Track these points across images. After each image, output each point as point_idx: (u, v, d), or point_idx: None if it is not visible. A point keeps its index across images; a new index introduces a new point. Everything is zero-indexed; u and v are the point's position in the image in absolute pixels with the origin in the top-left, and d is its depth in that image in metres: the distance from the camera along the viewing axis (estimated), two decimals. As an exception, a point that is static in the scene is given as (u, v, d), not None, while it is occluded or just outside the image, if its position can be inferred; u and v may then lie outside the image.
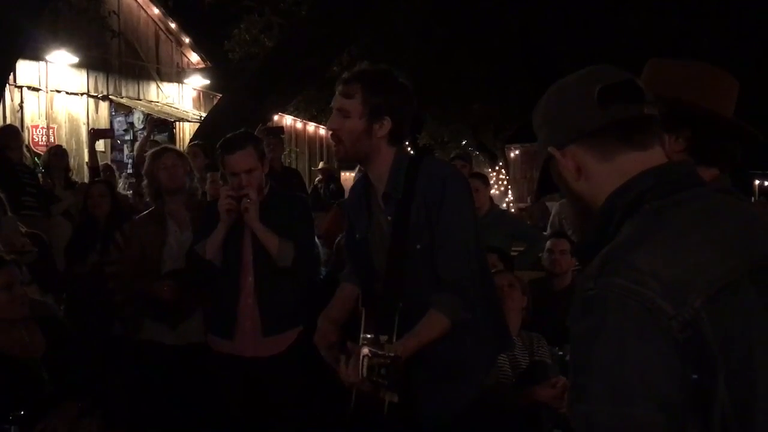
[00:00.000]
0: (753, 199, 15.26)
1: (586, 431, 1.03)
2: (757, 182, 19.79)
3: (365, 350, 1.91)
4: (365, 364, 1.89)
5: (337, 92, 2.22)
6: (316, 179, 10.85)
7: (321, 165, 11.45)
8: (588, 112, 1.18)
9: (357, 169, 2.56)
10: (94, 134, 7.38)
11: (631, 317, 1.01)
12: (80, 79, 11.09)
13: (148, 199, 3.77)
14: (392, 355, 1.87)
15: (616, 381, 1.00)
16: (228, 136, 3.21)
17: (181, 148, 10.81)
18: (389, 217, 2.25)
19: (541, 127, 1.29)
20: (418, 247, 2.19)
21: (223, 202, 3.10)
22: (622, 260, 1.05)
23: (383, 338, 1.92)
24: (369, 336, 2.02)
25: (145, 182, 3.71)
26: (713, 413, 0.99)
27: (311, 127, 15.40)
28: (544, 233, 5.37)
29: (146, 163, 3.69)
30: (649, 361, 0.99)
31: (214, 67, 13.38)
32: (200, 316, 3.44)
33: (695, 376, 0.99)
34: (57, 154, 6.50)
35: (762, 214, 1.19)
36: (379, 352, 1.88)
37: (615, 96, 1.18)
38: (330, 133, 2.26)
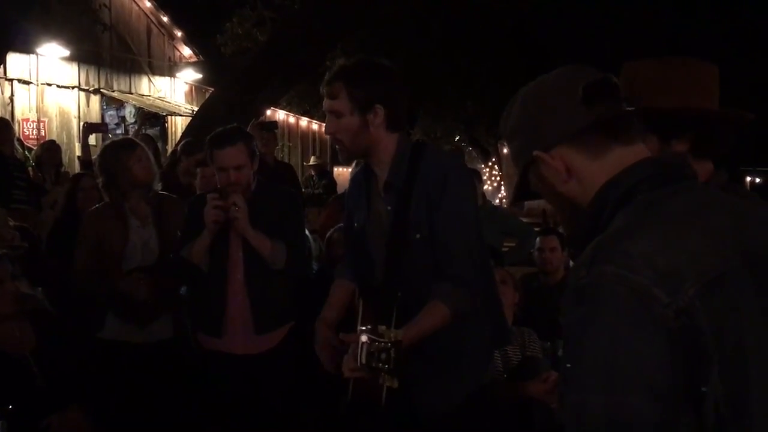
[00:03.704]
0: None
1: (578, 421, 1.01)
2: (748, 179, 19.90)
3: (363, 337, 1.89)
4: (364, 350, 1.88)
5: (323, 96, 2.21)
6: (308, 174, 10.83)
7: (312, 160, 11.42)
8: (575, 112, 1.17)
9: (354, 164, 2.54)
10: (88, 128, 7.36)
11: (624, 304, 1.00)
12: (71, 73, 11.03)
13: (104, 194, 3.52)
14: (392, 339, 1.86)
15: (610, 370, 0.99)
16: (218, 130, 3.12)
17: (173, 142, 10.83)
18: (389, 207, 2.24)
19: (516, 133, 1.27)
20: (418, 236, 2.18)
21: (210, 212, 2.98)
22: (615, 248, 1.04)
23: (381, 328, 1.91)
24: (368, 327, 2.01)
25: (100, 177, 3.46)
26: (707, 402, 0.99)
27: (304, 121, 15.38)
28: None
29: (109, 156, 3.45)
30: (643, 349, 0.98)
31: (207, 61, 13.34)
32: (168, 312, 3.37)
33: (688, 366, 0.99)
34: (50, 149, 6.46)
35: (752, 208, 1.18)
36: (378, 339, 1.87)
37: (598, 94, 1.18)
38: (329, 136, 2.25)
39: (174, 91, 12.95)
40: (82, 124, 9.81)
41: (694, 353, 0.99)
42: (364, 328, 2.00)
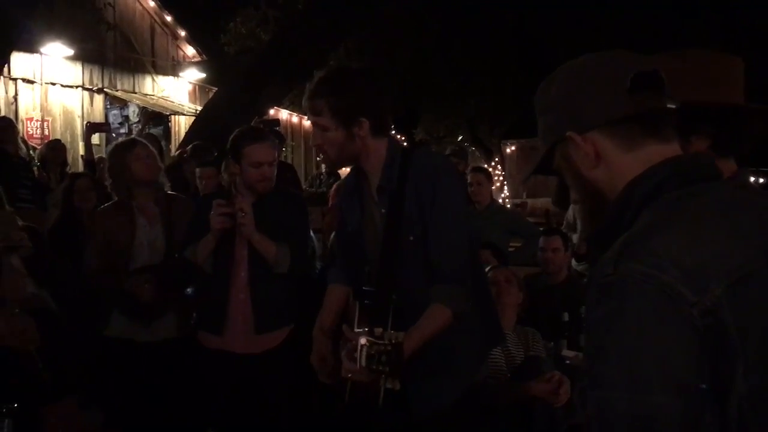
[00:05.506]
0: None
1: (602, 417, 1.01)
2: (752, 179, 19.87)
3: (363, 340, 1.89)
4: (364, 353, 1.87)
5: (306, 109, 2.22)
6: (317, 172, 10.81)
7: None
8: (617, 99, 1.15)
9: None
10: (91, 128, 7.36)
11: (651, 303, 0.99)
12: (75, 72, 11.06)
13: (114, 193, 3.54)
14: (393, 341, 1.85)
15: (635, 367, 0.98)
16: (246, 127, 3.15)
17: (177, 142, 10.84)
18: (383, 210, 2.25)
19: (551, 108, 1.24)
20: (411, 238, 2.19)
21: (217, 219, 3.01)
22: (642, 246, 1.04)
23: (378, 330, 1.92)
24: (364, 330, 2.01)
25: (109, 179, 3.53)
26: (730, 401, 0.99)
27: (307, 121, 15.38)
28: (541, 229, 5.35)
29: (113, 156, 3.52)
30: (669, 347, 0.98)
31: (210, 60, 13.34)
32: (173, 311, 3.38)
33: (713, 365, 0.99)
34: (55, 148, 6.47)
35: None
36: (378, 341, 1.86)
37: (645, 85, 1.16)
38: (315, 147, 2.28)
39: (178, 91, 12.95)
40: (84, 123, 9.83)
41: (720, 352, 0.99)
42: (361, 330, 2.01)
